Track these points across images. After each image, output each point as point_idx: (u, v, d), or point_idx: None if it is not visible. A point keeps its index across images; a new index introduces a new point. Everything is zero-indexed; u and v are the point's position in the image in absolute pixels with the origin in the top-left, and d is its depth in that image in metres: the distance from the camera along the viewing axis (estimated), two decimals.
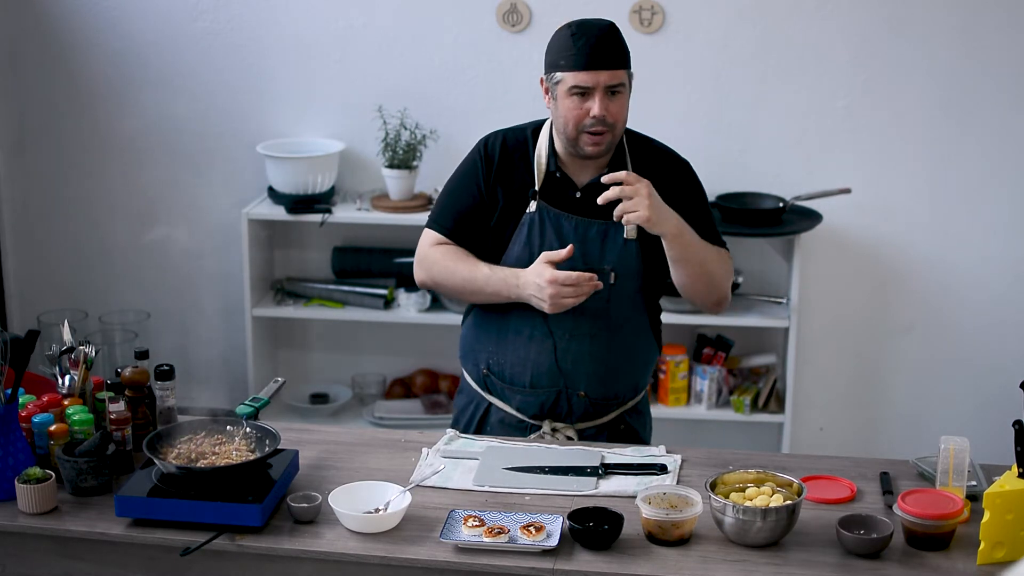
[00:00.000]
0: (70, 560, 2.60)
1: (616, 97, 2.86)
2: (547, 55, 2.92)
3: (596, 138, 2.86)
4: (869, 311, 4.65)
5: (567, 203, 2.95)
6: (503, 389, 3.05)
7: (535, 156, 2.97)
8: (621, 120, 2.89)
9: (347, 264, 4.70)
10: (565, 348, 2.97)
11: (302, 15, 4.61)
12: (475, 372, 3.11)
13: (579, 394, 3.01)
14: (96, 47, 4.73)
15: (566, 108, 2.86)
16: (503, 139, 3.01)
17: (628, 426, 3.11)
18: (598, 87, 2.83)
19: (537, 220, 2.94)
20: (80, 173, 4.87)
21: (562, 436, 3.02)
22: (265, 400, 2.85)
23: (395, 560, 2.47)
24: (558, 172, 2.95)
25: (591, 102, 2.83)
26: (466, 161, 3.03)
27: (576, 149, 2.90)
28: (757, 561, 2.44)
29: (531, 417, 3.04)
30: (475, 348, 3.09)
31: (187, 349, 4.94)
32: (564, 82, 2.85)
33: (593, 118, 2.83)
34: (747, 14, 4.43)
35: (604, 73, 2.83)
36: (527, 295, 2.85)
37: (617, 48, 2.87)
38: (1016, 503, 2.40)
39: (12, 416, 2.67)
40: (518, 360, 3.00)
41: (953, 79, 4.39)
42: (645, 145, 3.03)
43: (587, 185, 2.95)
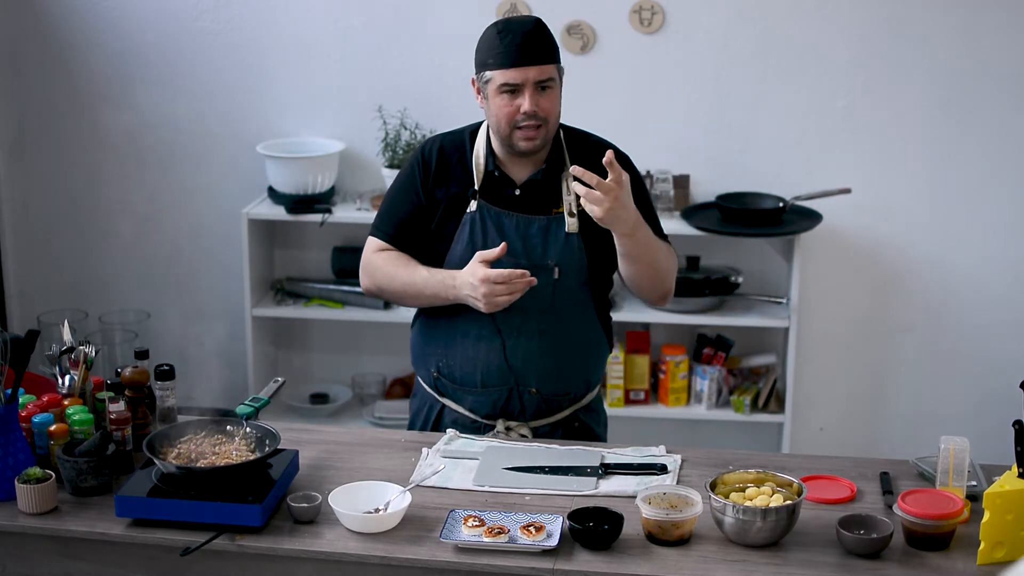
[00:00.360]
0: (70, 560, 2.60)
1: (546, 92, 2.87)
2: (476, 55, 2.94)
3: (529, 133, 2.87)
4: (869, 311, 4.65)
5: (507, 201, 2.97)
6: (455, 390, 3.06)
7: (473, 157, 2.99)
8: (553, 115, 2.91)
9: (347, 264, 4.70)
10: (514, 345, 2.97)
11: (302, 15, 4.61)
12: (426, 376, 3.12)
13: (530, 391, 3.01)
14: (96, 47, 4.73)
15: (497, 106, 2.88)
16: (440, 143, 3.04)
17: (582, 423, 3.11)
18: (527, 83, 2.85)
19: (478, 219, 2.96)
20: (80, 173, 4.87)
21: (516, 435, 3.03)
22: (265, 400, 2.85)
23: (395, 560, 2.47)
24: (496, 171, 2.97)
25: (521, 99, 2.85)
26: (405, 168, 3.05)
27: (511, 146, 2.91)
28: (757, 561, 2.44)
29: (484, 417, 3.05)
30: (425, 352, 3.10)
31: (187, 349, 4.93)
32: (493, 80, 2.87)
33: (524, 114, 2.85)
34: (747, 14, 4.43)
35: (532, 69, 2.84)
36: (463, 295, 2.86)
37: (545, 44, 2.88)
38: (1016, 503, 2.40)
39: (12, 416, 2.67)
40: (467, 360, 3.01)
41: (953, 79, 4.39)
42: (582, 139, 3.04)
43: (526, 182, 2.97)
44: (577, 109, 4.52)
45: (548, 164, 2.97)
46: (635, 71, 4.51)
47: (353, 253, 4.67)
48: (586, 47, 4.50)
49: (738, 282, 4.52)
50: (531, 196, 2.96)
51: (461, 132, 3.06)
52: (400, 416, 4.67)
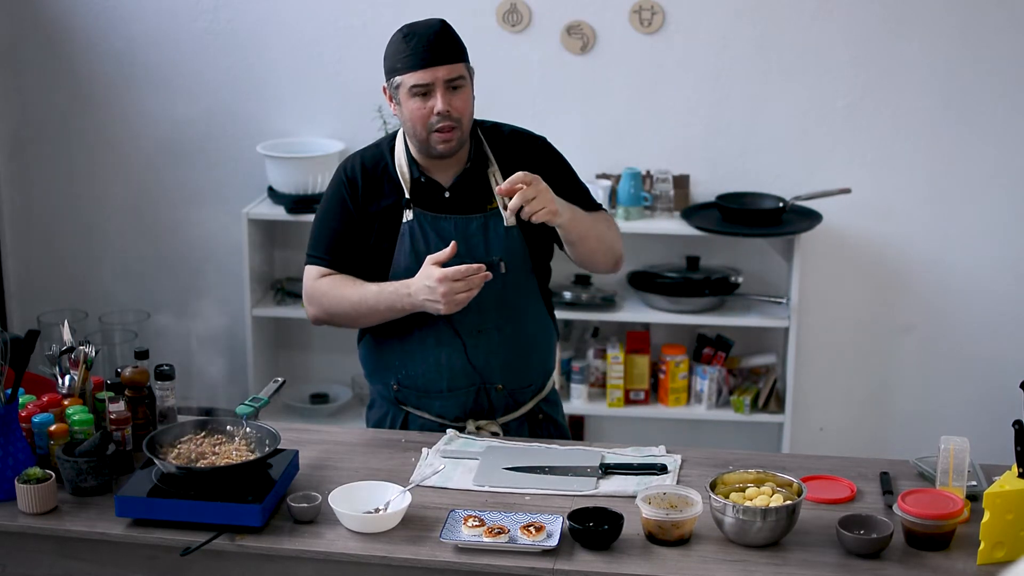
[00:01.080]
0: (70, 560, 2.60)
1: (458, 92, 2.87)
2: (384, 62, 2.92)
3: (445, 135, 2.87)
4: (869, 311, 4.65)
5: (439, 205, 2.97)
6: (419, 398, 3.04)
7: (396, 167, 2.98)
8: (467, 114, 2.90)
9: None
10: (474, 344, 2.97)
11: (302, 15, 4.61)
12: (384, 389, 3.09)
13: (496, 388, 3.01)
14: (96, 47, 4.73)
15: (410, 109, 2.87)
16: (360, 160, 3.01)
17: (546, 415, 3.13)
18: (437, 83, 2.84)
19: (416, 227, 2.94)
20: (80, 173, 4.87)
21: (486, 433, 3.03)
22: (265, 400, 2.86)
23: (395, 560, 2.47)
24: (422, 177, 2.96)
25: (433, 100, 2.84)
26: (330, 190, 3.02)
27: (428, 150, 2.91)
28: (757, 561, 2.44)
29: (453, 419, 3.04)
30: (379, 366, 3.07)
31: (187, 349, 4.92)
32: (404, 84, 2.86)
33: (438, 115, 2.84)
34: (747, 14, 4.43)
35: (441, 68, 2.84)
36: (420, 301, 2.83)
37: (451, 43, 2.89)
38: (1016, 503, 2.40)
39: (12, 416, 2.68)
40: (430, 368, 2.99)
41: (953, 79, 4.39)
42: (498, 132, 3.04)
43: (453, 184, 2.97)
44: (577, 109, 4.56)
45: (472, 162, 2.97)
46: (635, 71, 4.51)
47: None
48: (586, 47, 4.50)
49: (738, 282, 4.52)
50: (462, 196, 2.96)
51: (378, 145, 3.05)
52: None
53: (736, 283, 4.51)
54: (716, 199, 4.49)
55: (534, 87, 4.54)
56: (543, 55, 4.52)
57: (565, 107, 4.57)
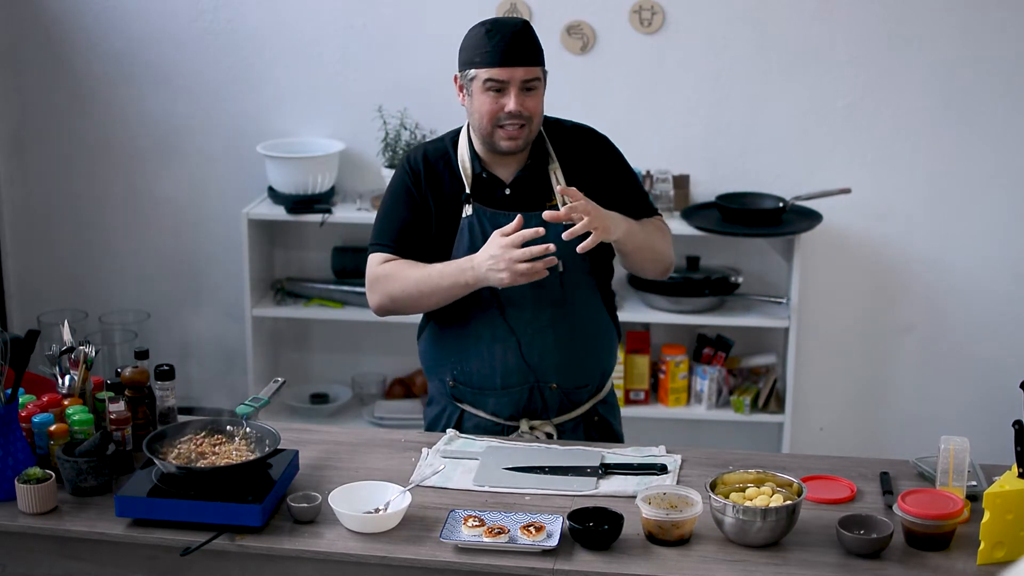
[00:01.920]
0: (70, 560, 2.60)
1: (531, 93, 2.88)
2: (461, 53, 2.94)
3: (512, 131, 2.88)
4: (869, 311, 4.65)
5: (499, 201, 2.97)
6: (474, 395, 3.05)
7: (459, 161, 2.99)
8: (537, 115, 2.91)
9: (347, 264, 4.70)
10: (529, 342, 2.97)
11: (302, 15, 4.61)
12: (441, 385, 3.10)
13: (551, 387, 3.01)
14: (96, 47, 4.73)
15: (481, 103, 2.88)
16: (424, 152, 3.03)
17: (601, 417, 3.12)
18: (513, 82, 2.85)
19: (476, 222, 2.95)
20: (80, 173, 4.87)
21: (540, 433, 3.03)
22: (265, 400, 2.85)
23: (395, 560, 2.47)
24: (484, 173, 2.97)
25: (506, 98, 2.86)
26: (394, 181, 3.03)
27: (492, 145, 2.92)
28: (757, 561, 2.44)
29: (507, 418, 3.04)
30: (438, 363, 3.08)
31: (187, 349, 4.94)
32: (479, 78, 2.87)
33: (508, 113, 2.85)
34: (747, 14, 4.43)
35: (519, 69, 2.85)
36: (484, 272, 2.82)
37: (531, 45, 2.89)
38: (1016, 503, 2.40)
39: (12, 416, 2.68)
40: (484, 364, 3.00)
41: (953, 79, 4.39)
42: (559, 128, 3.05)
43: (514, 180, 2.98)
44: (577, 109, 4.52)
45: (532, 159, 2.98)
46: (635, 71, 4.51)
47: (353, 253, 4.69)
48: (586, 47, 4.50)
49: (738, 282, 4.52)
50: (522, 193, 2.97)
51: (441, 140, 3.06)
52: (400, 416, 4.68)
53: (736, 283, 4.51)
54: (716, 199, 4.49)
55: None
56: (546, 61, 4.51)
57: (565, 107, 4.53)
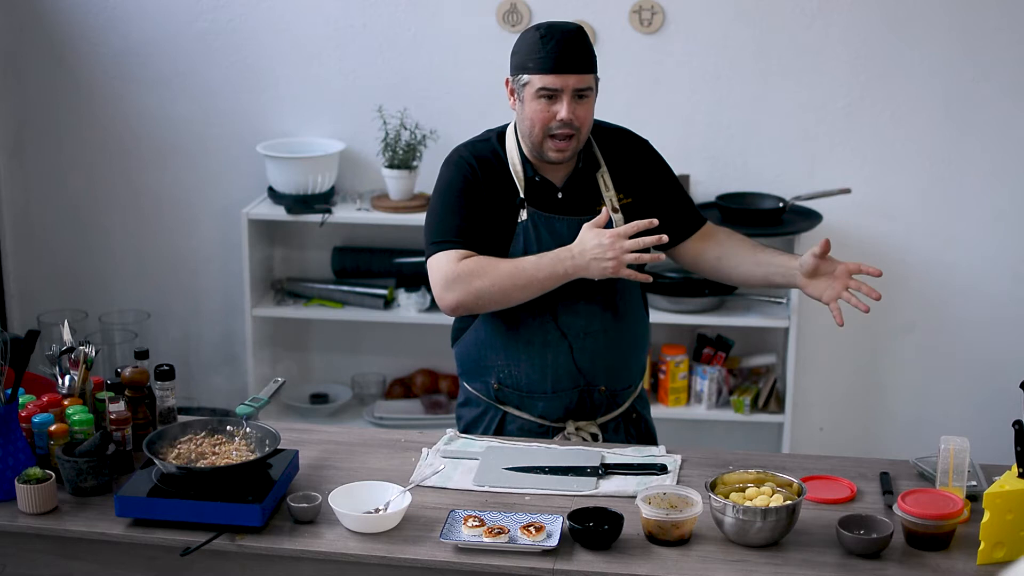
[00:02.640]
0: (70, 560, 2.60)
1: (583, 101, 2.86)
2: (514, 57, 2.90)
3: (561, 143, 2.86)
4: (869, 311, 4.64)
5: (553, 205, 2.95)
6: (521, 398, 3.02)
7: (509, 163, 2.95)
8: (587, 125, 2.89)
9: (347, 264, 4.70)
10: (580, 347, 2.97)
11: (302, 15, 4.61)
12: (484, 387, 3.07)
13: (599, 389, 3.01)
14: (96, 47, 4.73)
15: (532, 110, 2.85)
16: (475, 151, 2.96)
17: (639, 414, 3.13)
18: (566, 90, 2.82)
19: (531, 227, 2.93)
20: (80, 173, 4.88)
21: (585, 434, 3.02)
22: (265, 400, 2.85)
23: (395, 560, 2.47)
24: (537, 177, 2.95)
25: (558, 105, 2.83)
26: (448, 179, 2.94)
27: (540, 154, 2.89)
28: (757, 561, 2.44)
29: (554, 421, 3.03)
30: (481, 364, 3.04)
31: (187, 349, 4.94)
32: (531, 84, 2.84)
33: (560, 121, 2.83)
34: (747, 14, 4.43)
35: (572, 76, 2.82)
36: (587, 261, 2.76)
37: (585, 52, 2.86)
38: (1016, 503, 2.40)
39: (12, 416, 2.68)
40: (535, 368, 2.98)
41: (953, 79, 4.39)
42: (602, 131, 3.04)
43: (565, 184, 2.97)
44: None
45: (582, 164, 2.96)
46: (635, 71, 4.51)
47: (353, 253, 4.69)
48: None
49: None
50: (574, 196, 2.95)
51: (487, 139, 3.00)
52: (400, 416, 4.68)
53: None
54: (716, 199, 4.49)
55: None
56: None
57: None
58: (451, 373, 4.84)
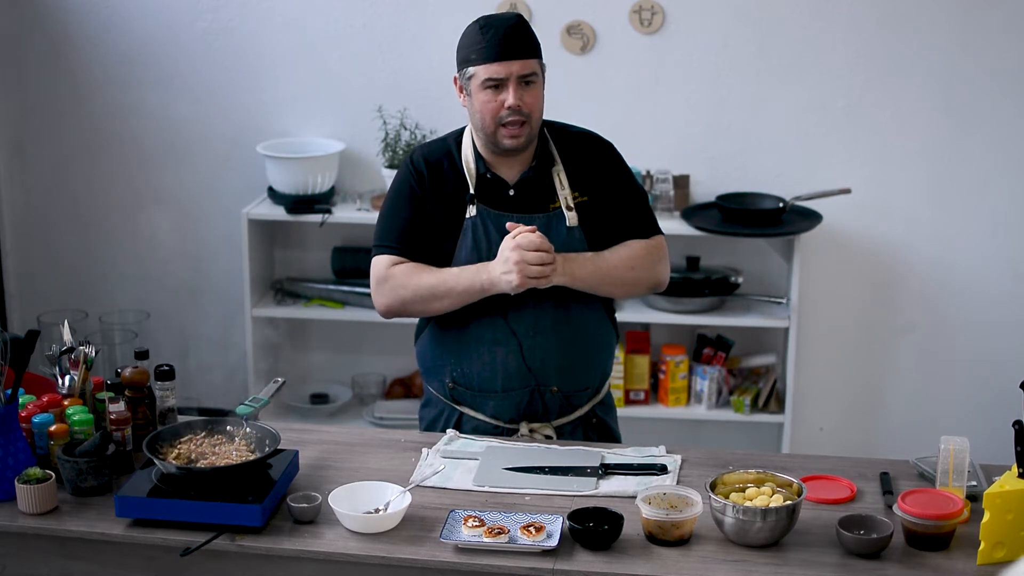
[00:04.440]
0: (70, 560, 2.60)
1: (530, 87, 2.87)
2: (458, 52, 2.93)
3: (514, 130, 2.87)
4: (869, 311, 4.65)
5: (503, 202, 2.96)
6: (473, 397, 3.03)
7: (463, 162, 2.98)
8: (537, 110, 2.90)
9: (347, 264, 4.70)
10: (531, 346, 2.96)
11: (302, 15, 4.61)
12: (440, 387, 3.08)
13: (551, 390, 3.00)
14: (96, 47, 4.73)
15: (481, 102, 2.87)
16: (424, 153, 3.01)
17: (599, 419, 3.12)
18: (511, 77, 2.84)
19: (479, 223, 2.94)
20: (80, 173, 4.88)
21: (540, 436, 3.02)
22: (265, 400, 2.86)
23: (395, 560, 2.47)
24: (488, 173, 2.96)
25: (505, 93, 2.85)
26: (398, 181, 3.01)
27: (495, 144, 2.91)
28: (757, 561, 2.44)
29: (507, 421, 3.03)
30: (436, 364, 3.06)
31: (187, 349, 4.94)
32: (477, 76, 2.87)
33: (508, 109, 2.85)
34: (747, 14, 4.43)
35: (516, 63, 2.85)
36: (497, 275, 2.82)
37: (527, 38, 2.88)
38: (1016, 503, 2.40)
39: (12, 416, 2.68)
40: (485, 367, 2.99)
41: (953, 79, 4.39)
42: (565, 132, 3.04)
43: (518, 181, 2.97)
44: (577, 109, 4.54)
45: (537, 161, 2.97)
46: (635, 71, 4.51)
47: (353, 253, 4.69)
48: (586, 47, 4.50)
49: (738, 282, 4.52)
50: (526, 194, 2.96)
51: (444, 140, 3.05)
52: (400, 416, 4.67)
53: (736, 283, 4.51)
54: (716, 199, 4.48)
55: None
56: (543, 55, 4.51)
57: (565, 107, 4.54)
58: None
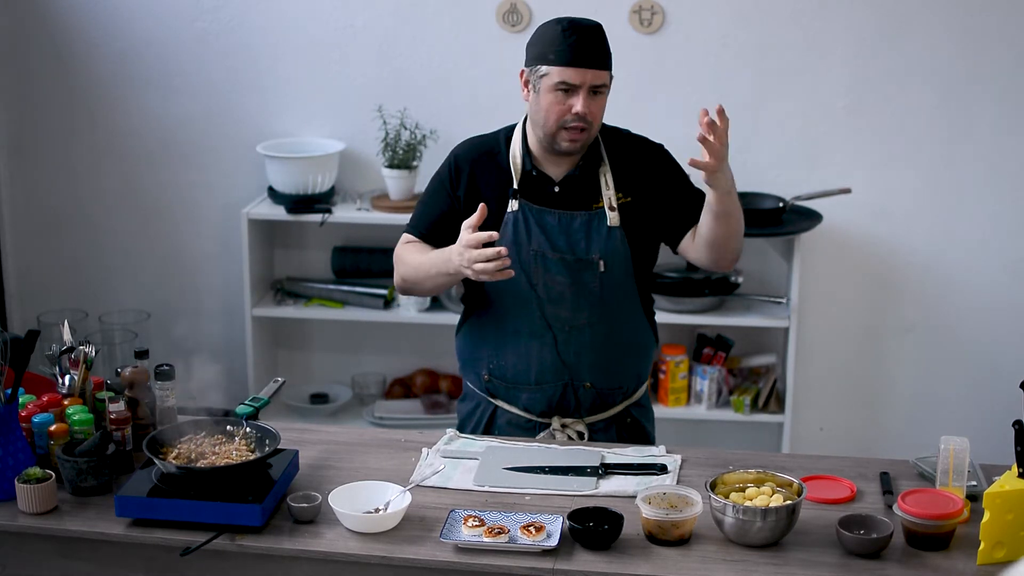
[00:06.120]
0: (70, 560, 2.60)
1: (597, 97, 2.90)
2: (531, 48, 2.94)
3: (574, 134, 2.89)
4: (869, 311, 4.65)
5: (546, 199, 2.98)
6: (507, 390, 3.06)
7: (510, 156, 2.99)
8: (599, 120, 2.94)
9: (347, 264, 4.70)
10: (565, 340, 2.98)
11: (302, 15, 4.61)
12: (476, 379, 3.12)
13: (585, 385, 3.02)
14: (96, 47, 4.73)
15: (548, 102, 2.88)
16: (473, 146, 3.05)
17: (634, 419, 3.13)
18: (584, 85, 2.86)
19: (520, 218, 2.96)
20: (80, 173, 4.87)
21: (572, 431, 3.03)
22: (265, 400, 2.86)
23: (395, 560, 2.47)
24: (534, 170, 2.98)
25: (575, 99, 2.86)
26: (439, 171, 3.07)
27: (553, 144, 2.92)
28: (757, 561, 2.44)
29: (539, 415, 3.05)
30: (474, 356, 3.10)
31: (187, 349, 4.93)
32: (550, 76, 2.87)
33: (575, 115, 2.86)
34: (747, 14, 4.43)
35: (591, 72, 2.86)
36: (456, 264, 2.84)
37: (604, 49, 2.91)
38: (1016, 503, 2.40)
39: (12, 416, 2.68)
40: (520, 359, 3.01)
41: (953, 79, 4.39)
42: (617, 136, 3.06)
43: (564, 179, 2.98)
44: None
45: (585, 160, 2.98)
46: (635, 71, 4.51)
47: (353, 253, 4.69)
48: None
49: (738, 282, 4.52)
50: (570, 192, 2.98)
51: (495, 135, 3.07)
52: (400, 416, 4.68)
53: (736, 283, 4.51)
54: None
55: None
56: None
57: None
58: (451, 373, 4.84)
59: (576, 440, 3.02)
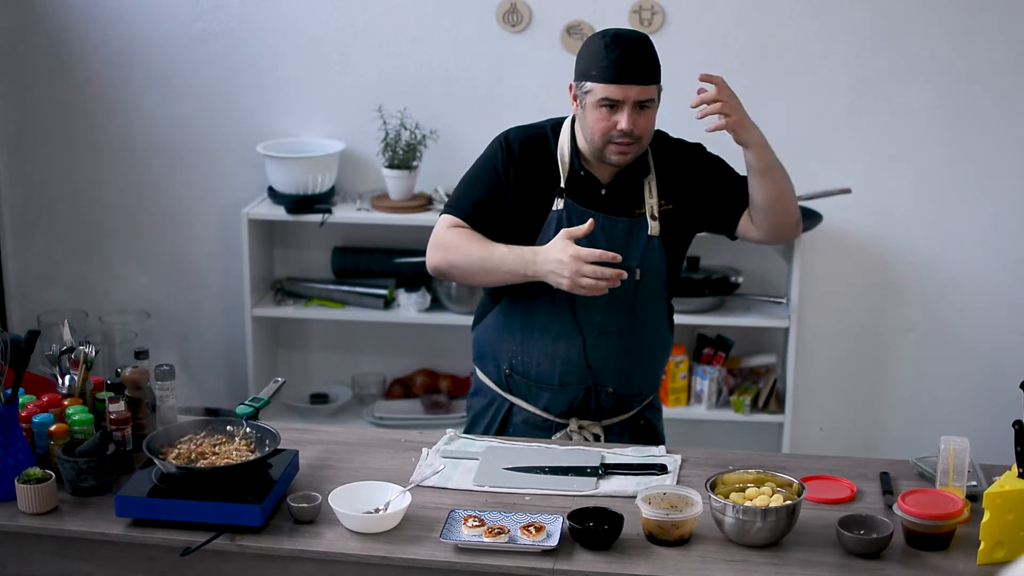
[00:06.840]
0: (70, 560, 2.60)
1: (645, 111, 2.87)
2: (578, 62, 2.90)
3: (622, 147, 2.86)
4: (869, 311, 4.65)
5: (593, 201, 2.95)
6: (528, 388, 3.04)
7: (558, 153, 2.96)
8: (648, 134, 2.90)
9: (347, 264, 4.70)
10: (594, 344, 2.97)
11: (302, 15, 4.61)
12: (495, 373, 3.09)
13: (608, 391, 3.01)
14: (96, 47, 4.73)
15: (594, 119, 2.86)
16: (523, 135, 2.99)
17: (647, 421, 3.13)
18: (627, 101, 2.83)
19: (565, 217, 2.93)
20: (80, 173, 4.87)
21: (588, 434, 3.03)
22: (265, 400, 2.85)
23: (395, 560, 2.47)
24: (582, 170, 2.96)
25: (619, 115, 2.83)
26: (486, 153, 3.00)
27: (601, 157, 2.91)
28: (757, 561, 2.44)
29: (558, 416, 3.04)
30: (496, 349, 3.07)
31: (187, 349, 4.94)
32: (594, 93, 2.84)
33: (620, 131, 2.84)
34: (747, 14, 4.43)
35: (634, 88, 2.83)
36: (545, 271, 2.79)
37: (649, 62, 2.87)
38: (1016, 503, 2.40)
39: (12, 416, 2.68)
40: (545, 358, 2.99)
41: (953, 79, 4.39)
42: (662, 140, 3.05)
43: (611, 182, 2.96)
44: None
45: (631, 166, 2.96)
46: None
47: (353, 253, 4.69)
48: None
49: (738, 282, 4.52)
50: (616, 196, 2.96)
51: (543, 126, 3.02)
52: (400, 416, 4.67)
53: (736, 283, 4.51)
54: None
55: (534, 87, 4.54)
56: (543, 55, 4.52)
57: (565, 107, 4.55)
58: (451, 373, 4.84)
59: (591, 441, 3.02)
